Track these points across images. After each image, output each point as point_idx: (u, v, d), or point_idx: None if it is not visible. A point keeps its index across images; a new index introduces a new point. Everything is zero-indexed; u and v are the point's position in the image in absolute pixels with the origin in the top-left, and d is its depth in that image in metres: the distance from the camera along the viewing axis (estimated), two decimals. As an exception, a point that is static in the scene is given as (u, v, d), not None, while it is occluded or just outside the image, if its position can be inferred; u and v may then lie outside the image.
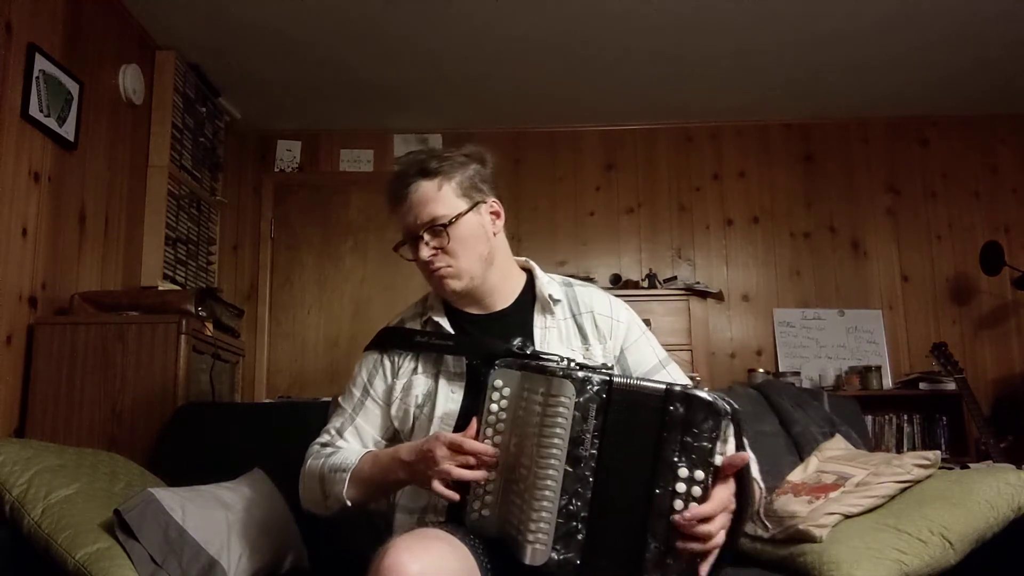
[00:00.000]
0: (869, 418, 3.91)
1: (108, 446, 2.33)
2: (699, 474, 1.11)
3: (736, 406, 1.14)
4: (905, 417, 4.08)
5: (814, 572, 1.55)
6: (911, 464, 1.78)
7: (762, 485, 1.37)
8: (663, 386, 1.15)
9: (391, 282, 4.38)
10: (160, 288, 3.13)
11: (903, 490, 1.74)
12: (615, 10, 3.29)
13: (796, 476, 1.97)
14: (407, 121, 4.46)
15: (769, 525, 1.61)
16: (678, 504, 1.12)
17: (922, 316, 4.33)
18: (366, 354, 1.59)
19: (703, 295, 4.12)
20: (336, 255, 4.44)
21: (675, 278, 4.28)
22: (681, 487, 1.12)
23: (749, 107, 4.35)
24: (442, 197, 1.45)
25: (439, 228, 1.45)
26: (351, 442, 1.53)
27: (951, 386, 3.77)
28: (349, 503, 1.41)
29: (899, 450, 4.00)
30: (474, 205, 1.48)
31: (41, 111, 2.60)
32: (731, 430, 1.14)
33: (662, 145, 4.54)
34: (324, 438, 1.55)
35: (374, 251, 4.44)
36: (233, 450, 2.09)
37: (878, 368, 4.08)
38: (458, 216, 1.45)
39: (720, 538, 1.13)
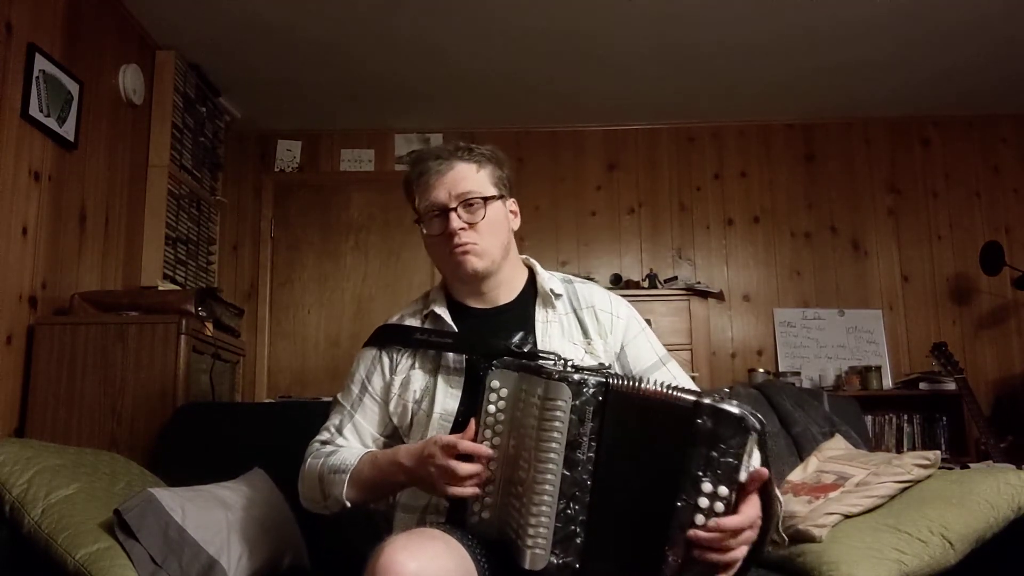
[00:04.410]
0: (869, 418, 3.90)
1: (108, 446, 2.33)
2: (723, 490, 1.10)
3: (764, 421, 1.12)
4: (905, 417, 4.08)
5: (814, 572, 1.55)
6: (911, 464, 1.78)
7: (782, 499, 1.35)
8: (691, 397, 1.13)
9: (394, 280, 4.39)
10: (160, 288, 3.13)
11: (903, 490, 1.74)
12: (618, 10, 3.29)
13: (796, 476, 1.97)
14: (408, 121, 4.45)
15: (785, 537, 1.60)
16: (699, 519, 1.10)
17: (922, 316, 4.33)
18: (364, 350, 1.58)
19: (704, 295, 4.12)
20: (337, 254, 4.44)
21: (676, 278, 4.28)
22: (704, 502, 1.10)
23: (751, 107, 4.35)
24: (480, 179, 1.49)
25: (476, 203, 1.46)
26: (350, 440, 1.52)
27: (951, 386, 3.77)
28: (348, 504, 1.41)
29: (899, 450, 4.00)
30: (501, 196, 1.52)
31: (41, 111, 2.60)
32: (757, 445, 1.12)
33: (664, 145, 4.54)
34: (323, 436, 1.55)
35: (376, 249, 4.44)
36: (233, 450, 2.09)
37: (878, 368, 4.08)
38: (493, 197, 1.49)
39: (741, 553, 1.12)
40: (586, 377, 1.17)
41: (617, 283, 4.24)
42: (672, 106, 4.32)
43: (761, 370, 4.10)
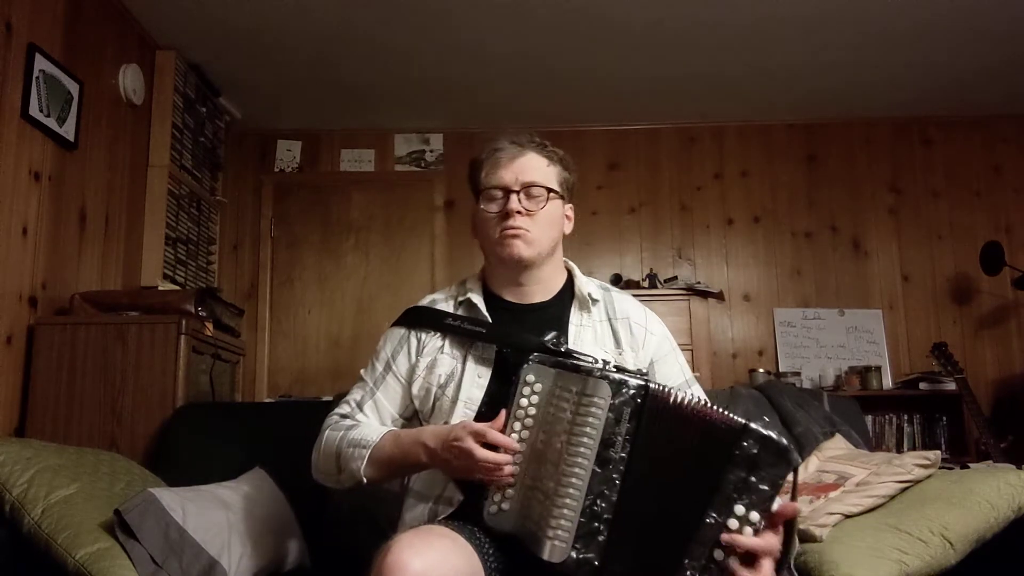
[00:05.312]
0: (869, 418, 3.90)
1: (108, 446, 2.34)
2: (754, 516, 1.11)
3: (800, 460, 1.15)
4: (905, 417, 4.08)
5: (815, 572, 1.55)
6: (911, 464, 1.78)
7: (798, 539, 1.37)
8: (741, 420, 1.14)
9: (394, 280, 4.38)
10: (160, 288, 3.13)
11: (903, 490, 1.75)
12: (620, 9, 3.29)
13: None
14: (408, 121, 4.45)
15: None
16: (725, 538, 1.12)
17: (922, 316, 4.33)
18: (392, 329, 1.57)
19: (704, 295, 4.11)
20: (337, 253, 4.44)
21: (676, 278, 4.28)
22: (733, 523, 1.12)
23: (753, 107, 4.34)
24: (550, 173, 1.52)
25: (540, 193, 1.49)
26: (370, 417, 1.51)
27: (951, 386, 3.77)
28: (364, 480, 1.39)
29: (899, 450, 4.00)
30: (562, 196, 1.55)
31: (41, 111, 2.60)
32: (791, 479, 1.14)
33: (665, 145, 4.54)
34: (343, 409, 1.53)
35: (377, 249, 4.44)
36: (233, 450, 2.10)
37: (878, 368, 4.07)
38: (556, 193, 1.51)
39: None
40: (626, 378, 1.18)
41: (617, 283, 4.24)
42: (673, 106, 4.31)
43: (762, 370, 4.10)
